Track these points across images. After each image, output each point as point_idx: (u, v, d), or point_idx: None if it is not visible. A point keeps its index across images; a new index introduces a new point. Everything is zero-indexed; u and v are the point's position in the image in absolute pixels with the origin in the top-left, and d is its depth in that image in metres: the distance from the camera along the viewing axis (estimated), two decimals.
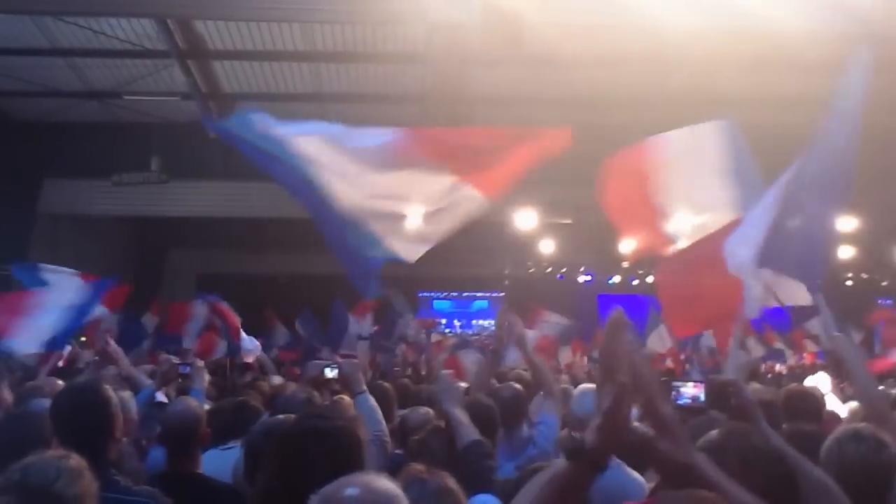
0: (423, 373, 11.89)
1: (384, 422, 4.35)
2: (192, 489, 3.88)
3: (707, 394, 3.09)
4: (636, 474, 3.79)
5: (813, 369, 11.10)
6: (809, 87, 13.97)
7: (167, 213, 17.95)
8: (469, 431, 3.79)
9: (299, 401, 4.86)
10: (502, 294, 22.36)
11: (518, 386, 5.60)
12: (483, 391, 5.37)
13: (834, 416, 5.41)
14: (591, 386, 4.42)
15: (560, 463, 1.93)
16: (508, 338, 5.75)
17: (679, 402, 3.19)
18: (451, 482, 2.65)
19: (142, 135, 16.03)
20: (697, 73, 13.12)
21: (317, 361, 5.52)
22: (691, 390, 3.23)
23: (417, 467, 2.71)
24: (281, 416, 3.82)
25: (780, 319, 13.92)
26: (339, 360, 5.09)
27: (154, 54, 13.67)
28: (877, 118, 14.31)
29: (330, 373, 5.27)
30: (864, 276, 23.60)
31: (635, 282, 23.18)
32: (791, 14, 10.69)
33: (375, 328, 12.85)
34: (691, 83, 13.37)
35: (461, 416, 3.88)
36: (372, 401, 4.37)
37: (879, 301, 18.57)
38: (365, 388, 4.47)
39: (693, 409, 3.26)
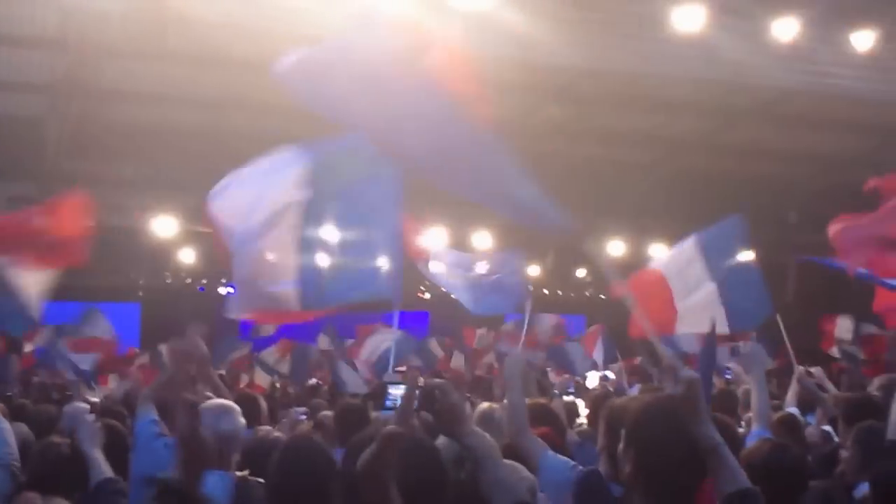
0: None
1: (14, 446, 4.28)
2: None
3: (420, 396, 3.27)
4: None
5: None
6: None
7: None
8: (102, 470, 4.02)
9: None
10: (137, 305, 21.68)
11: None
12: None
13: None
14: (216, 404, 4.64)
15: None
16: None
17: (387, 402, 3.48)
18: None
19: None
20: None
21: None
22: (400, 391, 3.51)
23: (32, 494, 2.87)
24: None
25: None
26: None
27: None
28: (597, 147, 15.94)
29: None
30: None
31: None
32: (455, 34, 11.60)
33: None
34: None
35: (97, 454, 4.12)
36: (5, 423, 4.27)
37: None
38: None
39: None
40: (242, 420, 4.45)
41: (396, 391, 3.49)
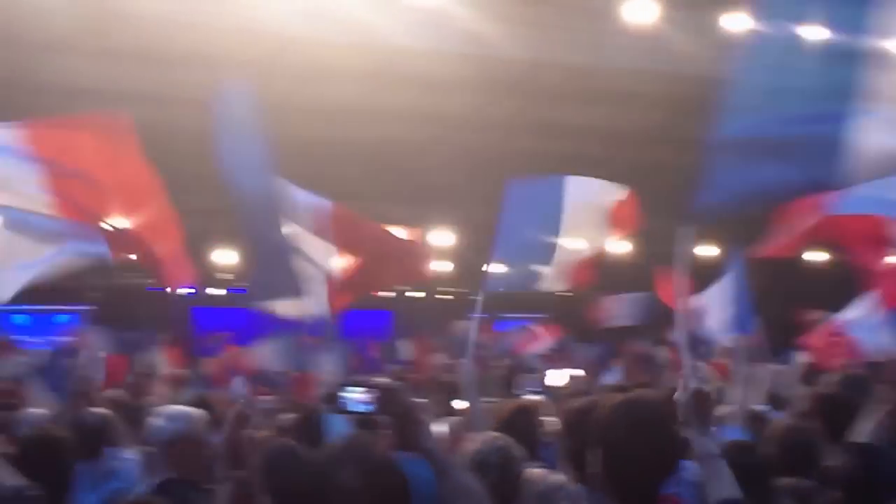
0: None
1: None
2: None
3: (378, 400, 3.25)
4: None
5: None
6: (418, 103, 15.13)
7: None
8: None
9: None
10: (92, 307, 21.09)
11: (106, 412, 5.57)
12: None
13: None
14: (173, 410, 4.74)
15: None
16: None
17: (350, 409, 3.39)
18: None
19: None
20: (300, 80, 13.55)
21: None
22: (361, 396, 3.41)
23: None
24: None
25: None
26: None
27: None
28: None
29: None
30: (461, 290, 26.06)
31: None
32: (403, 30, 11.59)
33: None
34: (292, 90, 13.77)
35: None
36: None
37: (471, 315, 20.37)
38: None
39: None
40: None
41: (352, 394, 3.41)
